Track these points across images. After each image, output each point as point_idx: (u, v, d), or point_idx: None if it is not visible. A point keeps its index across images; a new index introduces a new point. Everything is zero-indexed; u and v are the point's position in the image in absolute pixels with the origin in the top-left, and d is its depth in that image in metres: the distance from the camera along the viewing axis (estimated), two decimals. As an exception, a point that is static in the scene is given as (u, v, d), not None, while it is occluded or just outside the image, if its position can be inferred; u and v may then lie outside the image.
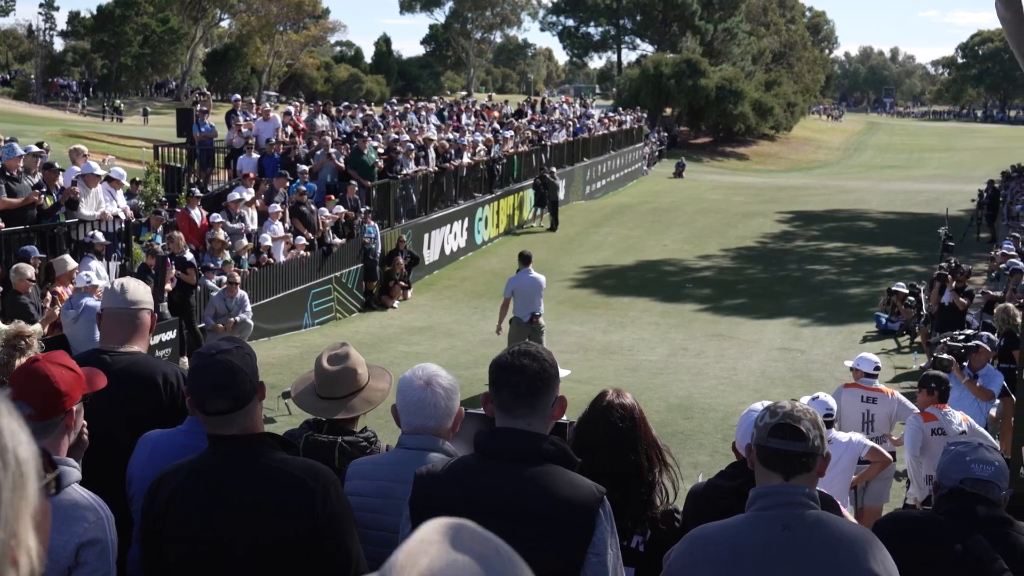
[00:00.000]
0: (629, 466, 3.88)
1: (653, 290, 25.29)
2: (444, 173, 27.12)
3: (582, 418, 4.04)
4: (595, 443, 3.86)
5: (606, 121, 48.51)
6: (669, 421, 14.04)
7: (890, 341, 20.20)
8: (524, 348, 3.20)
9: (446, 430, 3.64)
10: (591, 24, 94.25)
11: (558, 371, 3.21)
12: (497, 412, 3.18)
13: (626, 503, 3.76)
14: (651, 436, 3.97)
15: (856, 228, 37.15)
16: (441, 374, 3.67)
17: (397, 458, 3.61)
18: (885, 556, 3.02)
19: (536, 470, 3.07)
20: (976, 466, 3.94)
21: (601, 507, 3.07)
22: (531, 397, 3.12)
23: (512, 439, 3.12)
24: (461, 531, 1.18)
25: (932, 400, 9.03)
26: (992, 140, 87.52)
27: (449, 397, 3.63)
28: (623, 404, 3.97)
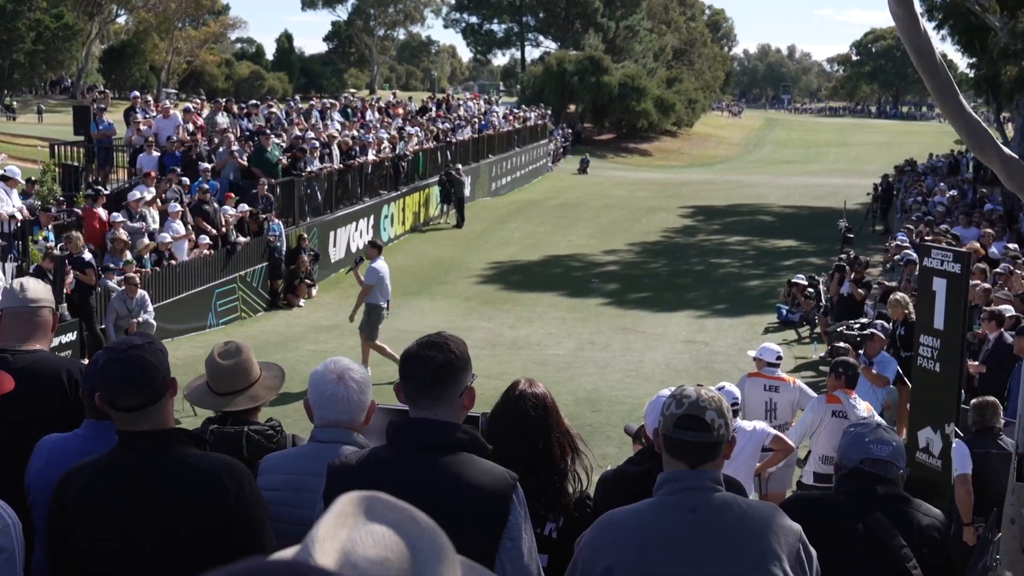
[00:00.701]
0: (541, 454, 3.93)
1: (560, 285, 25.46)
2: (349, 171, 26.95)
3: (495, 408, 4.08)
4: (508, 432, 3.90)
5: (510, 118, 48.66)
6: (577, 414, 14.16)
7: (791, 332, 20.64)
8: (432, 339, 3.23)
9: (359, 423, 3.66)
10: (494, 21, 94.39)
11: (468, 361, 3.24)
12: (407, 402, 3.22)
13: (539, 490, 3.81)
14: (563, 425, 4.03)
15: (757, 222, 37.85)
16: (354, 368, 3.68)
17: (310, 451, 3.61)
18: (789, 532, 3.10)
19: (449, 459, 3.10)
20: (875, 446, 4.07)
21: (514, 493, 3.11)
22: (436, 388, 3.15)
23: (424, 429, 3.14)
24: (375, 502, 1.20)
25: (839, 384, 9.30)
26: (886, 135, 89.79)
27: (362, 391, 3.64)
28: (535, 393, 4.02)
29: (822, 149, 79.72)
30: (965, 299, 9.88)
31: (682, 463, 3.14)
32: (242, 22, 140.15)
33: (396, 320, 21.08)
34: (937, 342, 9.99)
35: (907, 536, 3.87)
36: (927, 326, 10.18)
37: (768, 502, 3.30)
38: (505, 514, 3.07)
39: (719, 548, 3.03)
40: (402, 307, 22.73)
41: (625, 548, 3.08)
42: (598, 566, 3.08)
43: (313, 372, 3.72)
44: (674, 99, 75.35)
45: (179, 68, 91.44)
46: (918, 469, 10.04)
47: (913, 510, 4.01)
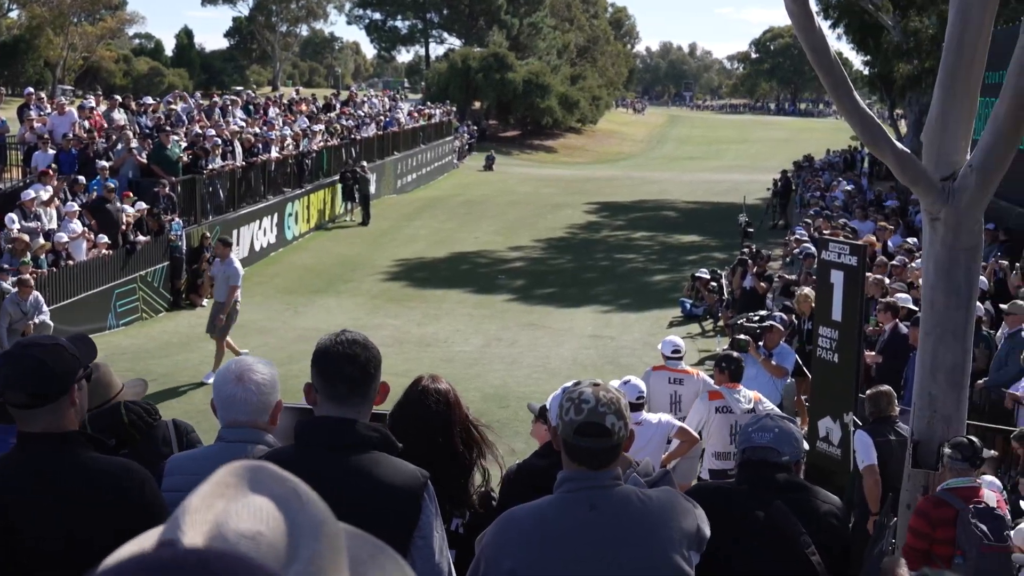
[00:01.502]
0: (444, 450, 3.93)
1: (466, 282, 25.48)
2: (252, 168, 26.61)
3: (398, 404, 4.07)
4: (412, 428, 3.89)
5: (415, 115, 48.51)
6: (485, 411, 14.18)
7: (695, 326, 20.95)
8: (352, 336, 3.21)
9: (263, 423, 3.60)
10: (398, 18, 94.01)
11: (381, 356, 3.24)
12: (325, 402, 3.18)
13: (445, 486, 3.81)
14: (467, 419, 4.03)
15: (661, 218, 38.31)
16: (256, 368, 3.60)
17: (216, 451, 3.55)
18: (688, 514, 3.16)
19: (359, 458, 3.08)
20: (756, 434, 4.16)
21: (425, 491, 3.11)
22: (364, 386, 3.14)
23: (333, 428, 3.12)
24: (260, 472, 1.14)
25: (724, 379, 9.47)
26: (785, 132, 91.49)
27: (261, 391, 3.57)
28: (438, 389, 4.02)
29: (723, 146, 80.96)
30: (861, 291, 10.14)
31: (583, 466, 3.16)
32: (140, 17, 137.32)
33: (302, 319, 20.92)
34: (835, 333, 10.23)
35: (806, 523, 3.96)
36: (825, 318, 10.43)
37: (666, 488, 3.34)
38: (417, 512, 3.06)
39: (621, 543, 3.06)
40: (308, 305, 22.55)
41: (527, 547, 3.09)
42: (502, 566, 3.09)
43: (217, 372, 3.67)
44: (578, 96, 75.86)
45: (75, 64, 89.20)
46: (818, 458, 10.28)
47: (812, 497, 4.11)
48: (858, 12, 37.97)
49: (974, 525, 6.19)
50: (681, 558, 3.11)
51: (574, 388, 3.25)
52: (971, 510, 6.26)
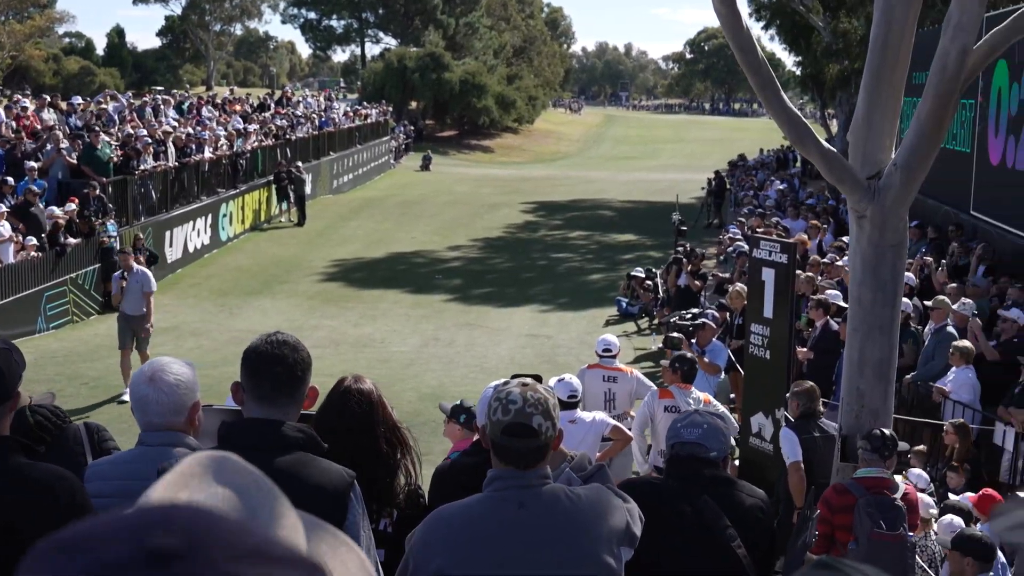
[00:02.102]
0: (369, 450, 3.93)
1: (403, 282, 25.41)
2: (185, 168, 26.31)
3: (322, 405, 4.05)
4: (336, 429, 3.88)
5: (351, 115, 48.27)
6: (421, 410, 14.17)
7: (631, 324, 21.08)
8: (280, 337, 3.19)
9: (182, 424, 3.52)
10: (333, 17, 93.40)
11: (311, 359, 3.23)
12: (252, 402, 3.16)
13: (371, 486, 3.80)
14: (391, 419, 4.03)
15: (597, 217, 38.49)
16: (170, 368, 3.52)
17: (137, 455, 3.50)
18: (618, 510, 3.19)
19: (285, 459, 3.06)
20: (685, 430, 4.22)
21: (352, 491, 3.10)
22: (293, 386, 3.12)
23: (258, 429, 3.11)
24: (224, 463, 1.17)
25: (676, 379, 9.53)
26: (719, 131, 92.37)
27: (174, 392, 3.48)
28: (360, 389, 4.01)
29: (659, 145, 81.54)
30: (792, 288, 10.28)
31: (511, 466, 3.18)
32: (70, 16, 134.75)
33: (237, 320, 20.73)
34: (767, 330, 10.37)
35: (732, 517, 4.01)
36: (757, 315, 10.56)
37: (596, 485, 3.36)
38: (343, 512, 3.06)
39: (549, 541, 3.08)
40: (243, 307, 22.34)
41: (455, 545, 3.10)
42: (430, 565, 3.09)
43: (133, 374, 3.62)
44: (515, 96, 75.96)
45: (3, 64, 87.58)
46: (752, 453, 10.41)
47: (738, 491, 4.17)
48: (789, 13, 38.46)
49: (868, 514, 6.34)
50: (610, 556, 3.13)
51: (502, 388, 3.25)
52: (868, 499, 6.41)
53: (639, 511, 3.34)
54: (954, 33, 6.22)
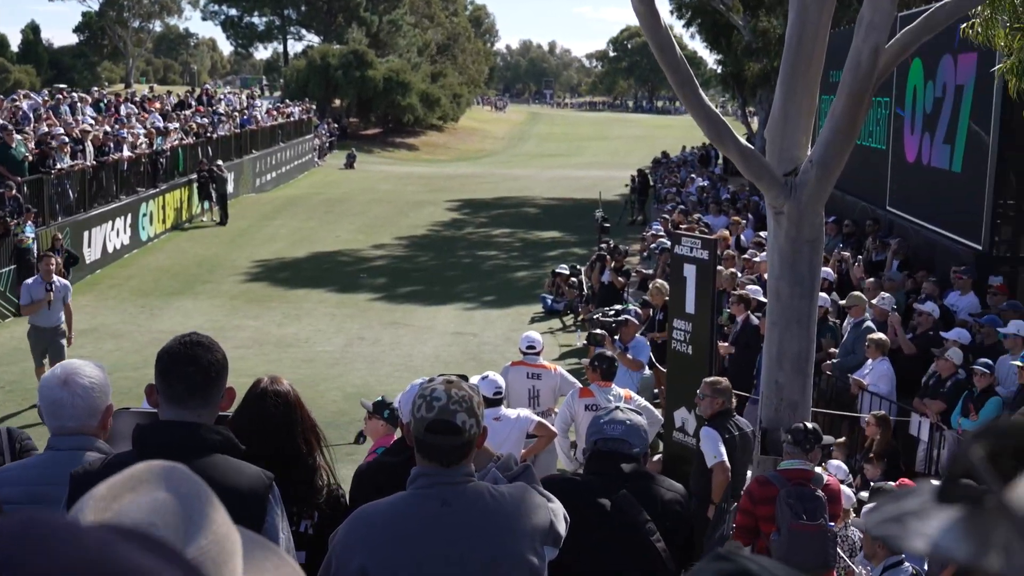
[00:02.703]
0: (288, 451, 3.90)
1: (328, 281, 25.23)
2: (103, 167, 25.84)
3: (239, 407, 4.01)
4: (254, 431, 3.84)
5: (274, 113, 47.80)
6: (346, 410, 14.10)
7: (556, 321, 21.17)
8: (196, 338, 3.16)
9: (91, 428, 3.45)
10: (255, 14, 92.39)
11: (227, 360, 3.19)
12: (165, 404, 3.12)
13: (290, 488, 3.77)
14: (309, 420, 4.00)
15: (522, 214, 38.58)
16: (83, 371, 3.47)
17: (47, 460, 3.43)
18: (541, 508, 3.21)
19: (201, 461, 3.02)
20: (608, 427, 4.26)
21: (271, 493, 3.08)
22: (206, 388, 3.08)
23: (174, 431, 3.07)
24: (173, 472, 1.19)
25: (596, 377, 9.57)
26: (643, 129, 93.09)
27: (89, 395, 3.43)
28: (277, 391, 3.98)
29: (583, 143, 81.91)
30: (713, 284, 10.40)
31: (435, 463, 3.18)
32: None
33: (158, 321, 20.42)
34: (689, 326, 10.48)
35: (651, 511, 4.06)
36: (679, 310, 10.67)
37: (521, 483, 3.38)
38: (262, 514, 3.03)
39: (472, 539, 3.08)
40: (164, 308, 22.01)
41: (379, 543, 3.10)
42: (353, 563, 3.08)
43: (42, 377, 3.54)
44: (439, 94, 75.79)
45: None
46: (675, 448, 10.51)
47: (656, 486, 4.22)
48: (710, 12, 38.93)
49: (789, 504, 6.45)
50: (533, 554, 3.15)
51: (427, 385, 3.26)
52: (789, 490, 6.52)
53: (564, 511, 3.36)
54: (867, 32, 6.34)
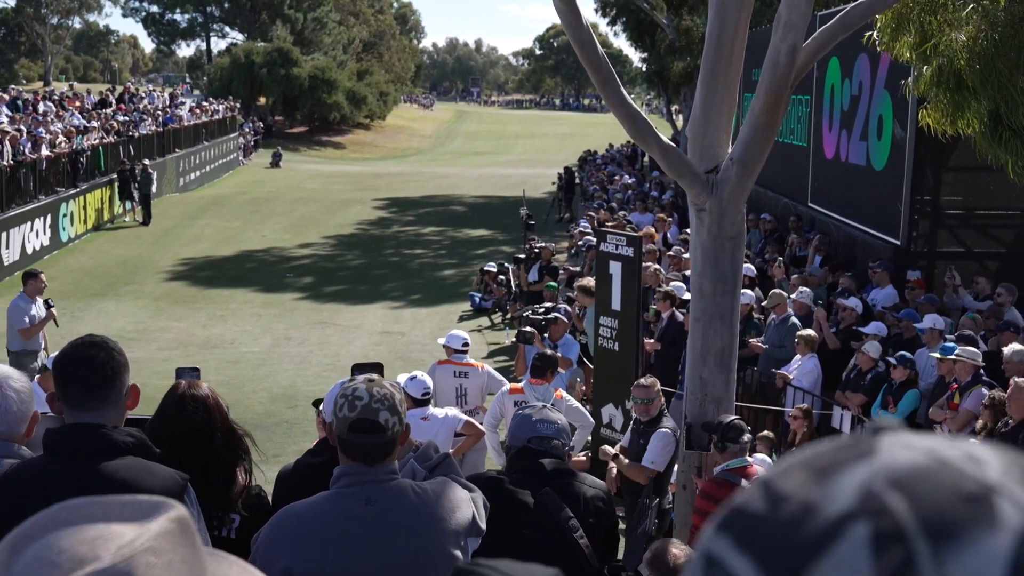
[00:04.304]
0: (208, 455, 3.86)
1: (254, 281, 24.99)
2: (21, 167, 25.31)
3: (156, 411, 3.97)
4: (172, 435, 3.80)
5: (198, 111, 47.20)
6: (273, 411, 14.01)
7: (485, 319, 21.19)
8: (89, 339, 3.11)
9: (19, 435, 3.43)
10: (177, 11, 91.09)
11: (126, 359, 3.15)
12: (66, 409, 3.07)
13: (209, 492, 3.74)
14: (228, 423, 3.97)
15: (450, 212, 38.56)
16: (13, 375, 3.44)
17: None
18: (463, 503, 3.22)
19: (114, 464, 2.99)
20: (541, 425, 4.28)
21: (186, 494, 3.05)
22: (103, 389, 3.04)
23: (84, 434, 3.02)
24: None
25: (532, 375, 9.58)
26: (570, 127, 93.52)
27: (22, 400, 3.40)
28: (195, 395, 3.94)
29: (511, 140, 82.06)
30: (638, 281, 10.50)
31: (358, 462, 3.17)
32: None
33: (80, 324, 20.05)
34: (615, 323, 10.58)
35: (574, 507, 4.09)
36: (605, 308, 10.76)
37: (443, 479, 3.39)
38: None
39: (398, 536, 3.09)
40: (86, 310, 21.64)
41: (303, 543, 3.09)
42: (277, 563, 3.07)
43: None
44: (365, 91, 75.40)
45: None
46: (603, 443, 10.59)
47: (579, 483, 4.25)
48: (635, 11, 39.22)
49: None
50: (457, 548, 3.17)
51: (348, 384, 3.25)
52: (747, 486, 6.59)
53: (484, 499, 3.37)
54: (784, 31, 6.44)
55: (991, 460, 0.75)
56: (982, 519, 0.70)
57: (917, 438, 0.77)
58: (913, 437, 0.77)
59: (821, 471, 0.76)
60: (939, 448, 0.76)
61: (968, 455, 0.75)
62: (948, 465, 0.74)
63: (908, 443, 0.76)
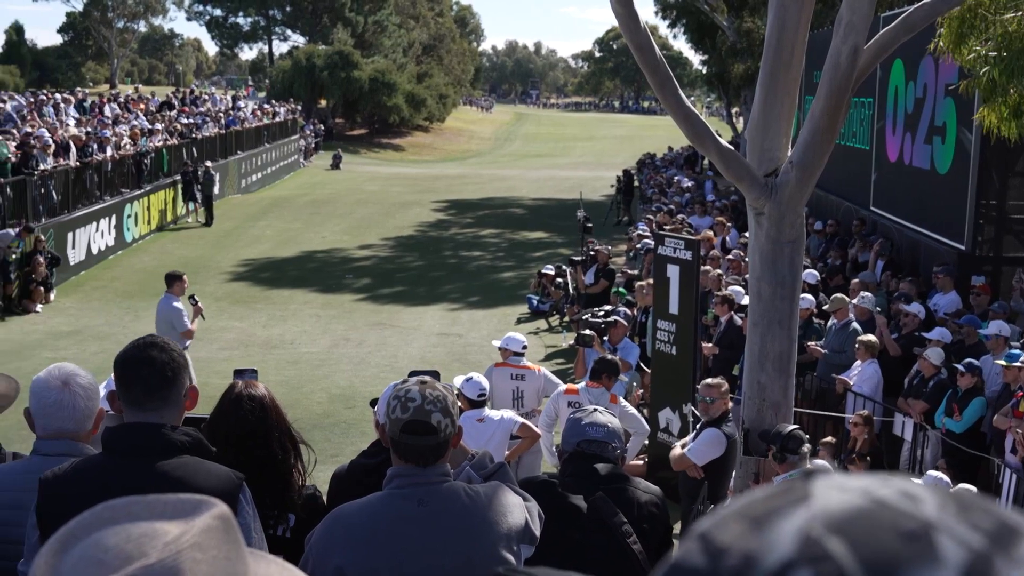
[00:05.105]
0: (264, 455, 3.90)
1: (313, 282, 25.19)
2: (87, 168, 25.75)
3: (214, 411, 4.01)
4: (228, 434, 3.84)
5: (259, 113, 47.71)
6: (331, 412, 14.11)
7: (542, 321, 21.17)
8: (150, 340, 3.15)
9: (86, 432, 3.49)
10: (240, 14, 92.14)
11: (187, 360, 3.18)
12: (126, 408, 3.11)
13: (265, 492, 3.77)
14: (284, 423, 4.00)
15: (508, 215, 38.58)
16: (80, 373, 3.52)
17: (31, 466, 3.41)
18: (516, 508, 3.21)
19: (170, 463, 3.02)
20: (590, 428, 4.26)
21: (242, 494, 3.07)
22: (163, 389, 3.07)
23: (141, 433, 3.06)
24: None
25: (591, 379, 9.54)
26: (628, 129, 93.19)
27: (88, 397, 3.48)
28: (252, 395, 3.98)
29: (569, 143, 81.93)
30: (696, 284, 10.43)
31: (411, 463, 3.18)
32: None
33: (143, 323, 20.33)
34: (673, 326, 10.51)
35: (627, 512, 4.06)
36: (663, 311, 10.70)
37: (496, 483, 3.38)
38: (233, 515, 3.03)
39: (449, 538, 3.10)
40: (149, 309, 21.83)
41: (356, 543, 3.11)
42: (330, 563, 3.09)
43: (35, 380, 3.52)
44: (425, 94, 75.70)
45: None
46: (659, 448, 10.53)
47: (632, 488, 4.22)
48: (695, 13, 39.00)
49: None
50: (508, 552, 3.16)
51: (401, 386, 3.27)
52: None
53: (539, 510, 3.36)
54: (845, 33, 6.36)
55: (927, 497, 0.75)
56: (923, 557, 0.70)
57: (850, 479, 0.77)
58: (846, 479, 0.78)
59: (758, 520, 0.75)
60: (874, 488, 0.75)
61: (903, 493, 0.75)
62: (885, 505, 0.73)
63: (842, 485, 0.76)
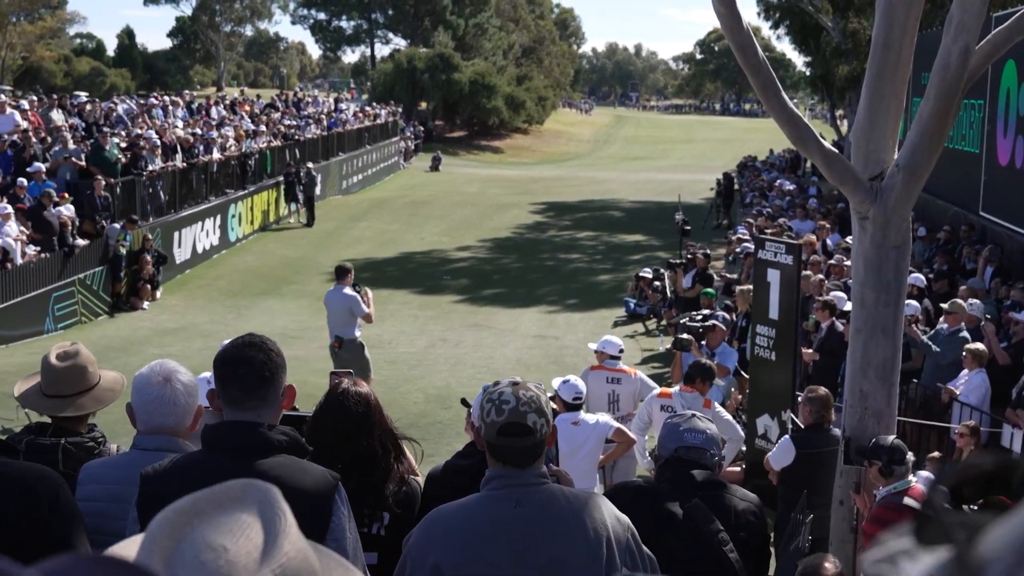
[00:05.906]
0: (364, 453, 3.93)
1: (411, 282, 25.41)
2: (193, 169, 26.35)
3: (318, 407, 4.07)
4: (331, 432, 3.88)
5: (360, 115, 48.31)
6: (428, 412, 14.20)
7: (639, 325, 21.04)
8: (248, 339, 3.19)
9: (185, 428, 3.56)
10: (343, 18, 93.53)
11: (284, 359, 3.22)
12: (225, 407, 3.15)
13: (363, 490, 3.80)
14: (386, 423, 4.03)
15: (606, 217, 38.45)
16: (180, 370, 3.58)
17: (132, 460, 3.49)
18: (608, 515, 3.19)
19: (267, 461, 3.06)
20: (688, 435, 4.21)
21: (337, 493, 3.10)
22: (261, 389, 3.11)
23: (240, 431, 3.10)
24: (256, 492, 1.23)
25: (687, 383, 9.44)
26: (729, 132, 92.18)
27: (189, 394, 3.55)
28: (358, 392, 4.02)
29: (669, 145, 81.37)
30: (797, 289, 10.24)
31: (508, 465, 3.18)
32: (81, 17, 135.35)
33: (245, 321, 20.75)
34: (772, 331, 10.34)
35: (724, 520, 4.00)
36: (762, 316, 10.53)
37: (589, 491, 3.37)
38: (328, 515, 3.05)
39: (546, 539, 3.09)
40: (251, 308, 22.38)
41: (453, 543, 3.12)
42: (427, 562, 3.11)
43: (137, 375, 3.60)
44: (524, 96, 75.85)
45: (14, 64, 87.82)
46: (757, 455, 10.37)
47: (729, 495, 4.16)
48: (799, 13, 38.43)
49: None
50: (606, 557, 3.13)
51: (493, 389, 3.27)
52: None
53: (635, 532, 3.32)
54: (956, 33, 6.19)
55: None
56: None
57: None
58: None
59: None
60: None
61: None
62: None
63: None
